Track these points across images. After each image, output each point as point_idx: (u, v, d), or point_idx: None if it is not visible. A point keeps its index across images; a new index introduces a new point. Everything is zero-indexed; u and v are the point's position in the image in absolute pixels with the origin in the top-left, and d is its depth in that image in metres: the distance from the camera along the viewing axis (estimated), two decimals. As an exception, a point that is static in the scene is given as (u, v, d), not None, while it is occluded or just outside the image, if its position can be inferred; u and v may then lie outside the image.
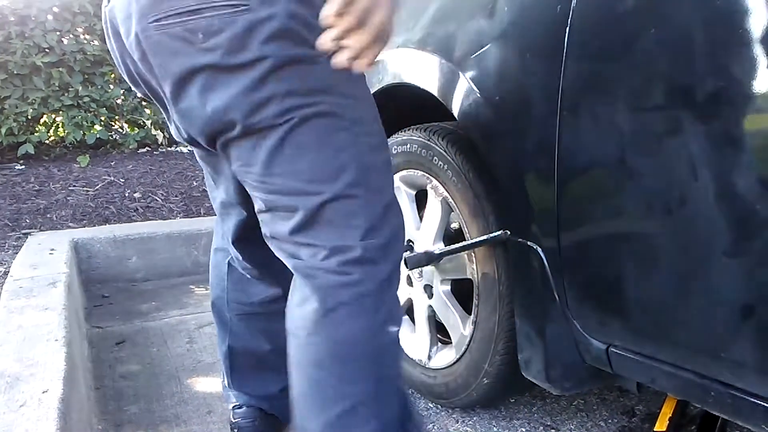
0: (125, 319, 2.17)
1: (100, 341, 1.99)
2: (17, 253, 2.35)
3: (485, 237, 1.28)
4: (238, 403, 1.31)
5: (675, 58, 0.90)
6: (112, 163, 3.58)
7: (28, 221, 2.83)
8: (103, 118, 3.79)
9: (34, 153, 3.55)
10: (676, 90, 0.91)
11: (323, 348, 0.86)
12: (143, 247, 2.57)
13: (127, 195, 3.14)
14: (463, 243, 1.34)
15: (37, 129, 3.75)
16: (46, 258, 2.18)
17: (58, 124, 3.86)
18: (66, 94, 3.58)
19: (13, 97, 3.44)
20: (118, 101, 3.84)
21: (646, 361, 1.04)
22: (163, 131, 3.95)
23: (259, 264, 1.22)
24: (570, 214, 1.09)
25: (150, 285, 2.54)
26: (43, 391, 1.19)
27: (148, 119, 3.92)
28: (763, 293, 0.85)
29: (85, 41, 3.64)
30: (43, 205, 2.96)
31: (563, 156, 1.07)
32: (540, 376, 1.22)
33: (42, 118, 3.76)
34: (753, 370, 0.89)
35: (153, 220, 2.93)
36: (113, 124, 3.97)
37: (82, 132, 3.67)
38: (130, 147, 3.86)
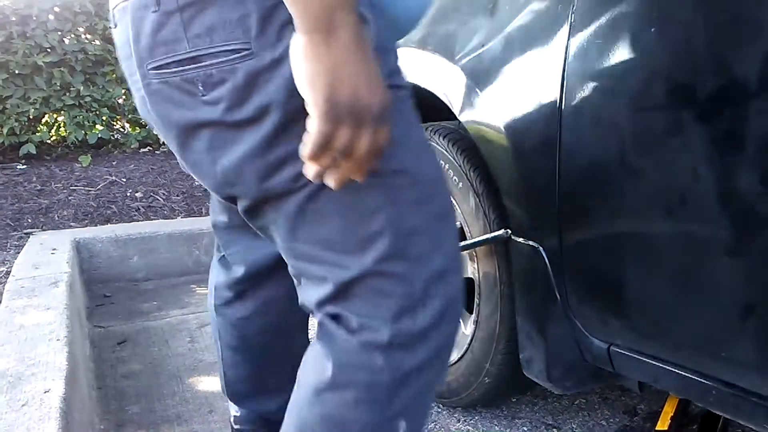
0: (127, 319, 2.17)
1: (102, 341, 2.00)
2: (19, 252, 2.36)
3: (486, 236, 1.28)
4: (237, 414, 1.24)
5: (676, 58, 0.90)
6: (114, 162, 3.59)
7: (29, 221, 2.83)
8: (104, 118, 3.79)
9: (35, 153, 3.55)
10: (677, 89, 0.91)
11: (317, 418, 0.75)
12: (145, 246, 2.57)
13: (128, 195, 3.14)
14: (464, 242, 1.34)
15: (38, 129, 3.75)
16: (48, 258, 2.19)
17: (60, 124, 3.87)
18: (67, 94, 3.59)
19: (14, 97, 3.44)
20: (120, 101, 3.85)
21: (648, 361, 1.03)
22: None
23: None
24: (571, 213, 1.09)
25: (151, 284, 2.54)
26: (45, 391, 1.19)
27: (150, 119, 3.92)
28: (765, 292, 0.85)
29: (87, 41, 3.64)
30: (44, 205, 2.97)
31: (564, 155, 1.07)
32: (541, 376, 1.22)
33: (43, 117, 3.77)
34: (754, 369, 0.89)
35: (154, 219, 2.93)
36: (115, 123, 3.98)
37: (83, 132, 3.68)
38: (132, 147, 3.86)
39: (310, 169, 0.64)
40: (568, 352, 1.18)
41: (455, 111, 1.32)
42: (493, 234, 1.27)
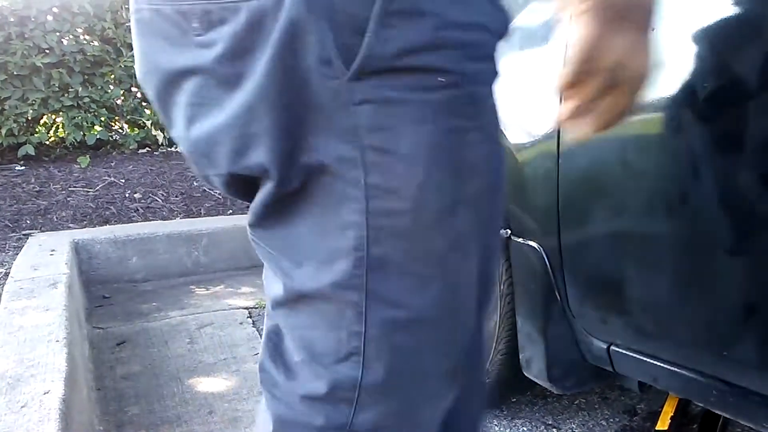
0: (126, 320, 2.17)
1: (101, 342, 1.99)
2: (18, 254, 2.35)
3: (486, 236, 1.28)
4: None
5: (673, 59, 0.90)
6: (113, 163, 3.58)
7: (28, 222, 2.83)
8: (103, 119, 3.79)
9: (34, 154, 3.55)
10: (674, 91, 0.91)
11: None
12: (144, 247, 2.57)
13: (127, 195, 3.14)
14: (464, 242, 1.34)
15: (37, 130, 3.75)
16: (47, 259, 2.18)
17: (58, 125, 3.86)
18: (66, 95, 3.58)
19: (13, 98, 3.44)
20: (118, 102, 3.84)
21: (648, 360, 1.03)
22: (163, 132, 3.95)
23: None
24: (570, 213, 1.09)
25: (150, 285, 2.54)
26: (44, 392, 1.19)
27: (148, 120, 3.91)
28: (765, 292, 0.85)
29: (85, 42, 3.63)
30: (43, 206, 2.96)
31: (564, 155, 1.07)
32: (541, 375, 1.22)
33: (42, 118, 3.76)
34: (754, 368, 0.89)
35: (153, 220, 2.93)
36: (113, 124, 3.97)
37: (82, 133, 3.67)
38: (131, 147, 3.86)
39: (567, 110, 0.56)
40: (568, 352, 1.18)
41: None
42: (492, 234, 1.27)
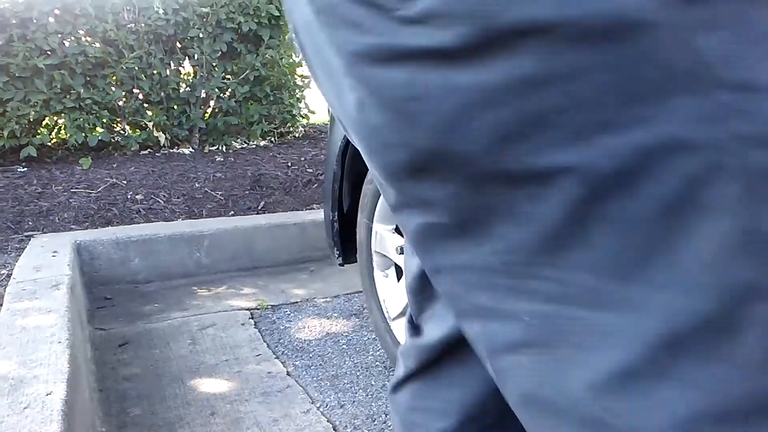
0: (128, 321, 2.17)
1: (103, 343, 2.00)
2: (20, 255, 2.36)
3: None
4: None
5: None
6: (114, 165, 3.59)
7: (30, 223, 2.83)
8: (105, 120, 3.79)
9: (36, 155, 3.56)
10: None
11: None
12: (145, 248, 2.58)
13: (129, 197, 3.15)
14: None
15: (39, 131, 3.76)
16: (49, 260, 2.19)
17: (60, 127, 3.87)
18: (68, 97, 3.59)
19: (15, 100, 3.45)
20: (120, 103, 3.85)
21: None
22: (164, 133, 3.96)
23: None
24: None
25: (152, 287, 2.54)
26: (47, 394, 1.19)
27: (150, 121, 3.92)
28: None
29: (87, 43, 3.64)
30: (45, 208, 2.97)
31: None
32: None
33: (44, 120, 3.77)
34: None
35: (155, 221, 2.93)
36: (115, 126, 3.98)
37: (84, 134, 3.68)
38: (132, 149, 3.86)
39: None
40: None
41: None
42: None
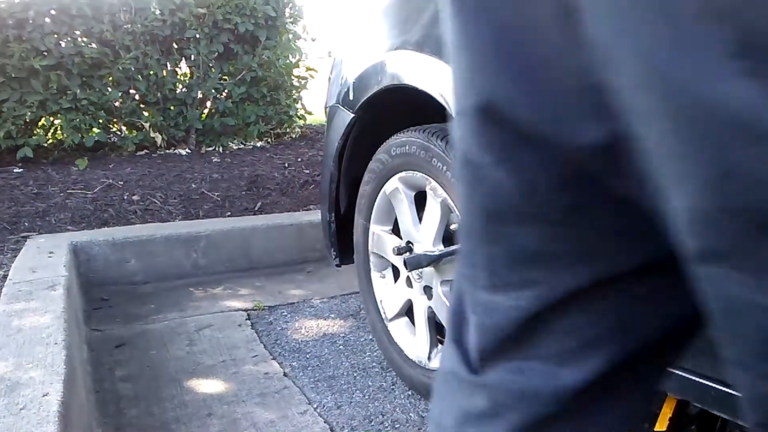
0: (124, 322, 2.17)
1: (100, 344, 1.99)
2: (16, 256, 2.35)
3: (485, 238, 1.28)
4: None
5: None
6: (111, 165, 3.58)
7: (26, 224, 2.83)
8: (101, 121, 3.79)
9: (32, 156, 3.55)
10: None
11: None
12: (142, 249, 2.57)
13: (125, 198, 3.14)
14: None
15: (35, 132, 3.75)
16: (45, 261, 2.18)
17: (57, 127, 3.86)
18: (64, 97, 3.58)
19: (11, 101, 3.44)
20: (117, 104, 3.84)
21: (646, 361, 1.04)
22: (161, 133, 3.95)
23: None
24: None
25: (149, 287, 2.54)
26: (43, 395, 1.19)
27: (147, 122, 3.91)
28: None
29: (83, 44, 3.63)
30: (41, 208, 2.96)
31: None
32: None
33: (40, 121, 3.76)
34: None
35: (152, 222, 2.93)
36: (111, 126, 3.97)
37: (80, 135, 3.67)
38: (129, 150, 3.86)
39: None
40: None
41: (453, 113, 1.32)
42: (491, 236, 1.27)
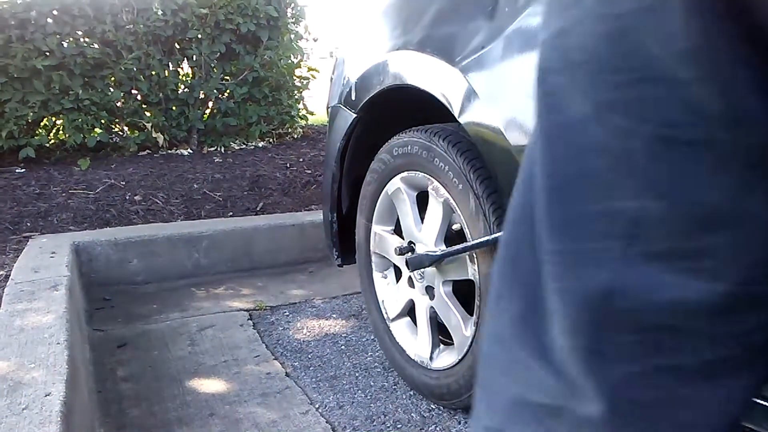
0: (126, 322, 2.17)
1: (102, 344, 1.99)
2: (18, 256, 2.35)
3: (486, 238, 1.28)
4: None
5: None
6: (113, 166, 3.59)
7: (29, 224, 2.83)
8: (103, 121, 3.79)
9: (34, 156, 3.55)
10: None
11: None
12: (144, 249, 2.57)
13: (127, 198, 3.14)
14: (465, 244, 1.34)
15: (37, 132, 3.75)
16: (48, 261, 2.18)
17: (59, 128, 3.87)
18: (66, 98, 3.58)
19: (13, 101, 3.44)
20: (119, 104, 3.84)
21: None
22: (163, 134, 3.95)
23: None
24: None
25: (151, 288, 2.54)
26: (45, 395, 1.19)
27: (149, 122, 3.92)
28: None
29: (86, 44, 3.64)
30: (43, 209, 2.97)
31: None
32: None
33: (42, 121, 3.76)
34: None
35: (154, 222, 2.93)
36: (113, 127, 3.97)
37: (82, 135, 3.68)
38: (131, 150, 3.86)
39: None
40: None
41: (455, 113, 1.32)
42: (493, 235, 1.27)
